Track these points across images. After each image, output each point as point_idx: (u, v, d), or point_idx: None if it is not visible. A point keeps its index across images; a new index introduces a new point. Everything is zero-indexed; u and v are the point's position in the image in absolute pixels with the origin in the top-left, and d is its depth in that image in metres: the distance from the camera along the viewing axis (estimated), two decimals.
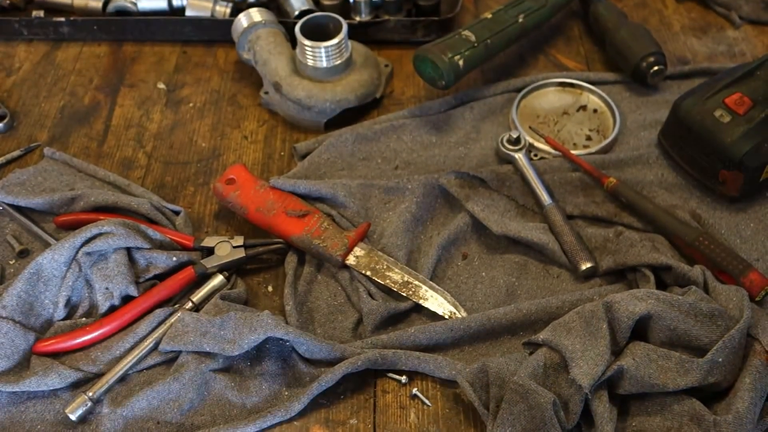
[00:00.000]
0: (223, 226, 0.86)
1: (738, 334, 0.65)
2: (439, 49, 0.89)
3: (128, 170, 0.92)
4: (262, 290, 0.80)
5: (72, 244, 0.75)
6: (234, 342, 0.70)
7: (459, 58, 0.89)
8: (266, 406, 0.69)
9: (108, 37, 1.09)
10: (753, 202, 0.84)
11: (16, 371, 0.70)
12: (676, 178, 0.87)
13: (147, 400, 0.68)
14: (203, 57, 1.07)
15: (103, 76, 1.05)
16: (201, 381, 0.69)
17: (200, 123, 0.98)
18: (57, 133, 0.97)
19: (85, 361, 0.72)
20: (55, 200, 0.84)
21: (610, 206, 0.84)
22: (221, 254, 0.79)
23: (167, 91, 1.03)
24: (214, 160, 0.93)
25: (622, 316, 0.66)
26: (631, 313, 0.66)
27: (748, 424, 0.62)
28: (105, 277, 0.75)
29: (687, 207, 0.83)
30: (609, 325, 0.67)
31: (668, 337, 0.67)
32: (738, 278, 0.73)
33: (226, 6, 1.07)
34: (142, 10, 1.08)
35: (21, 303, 0.73)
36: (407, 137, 0.93)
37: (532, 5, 0.98)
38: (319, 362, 0.72)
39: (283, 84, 0.93)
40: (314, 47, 0.90)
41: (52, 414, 0.69)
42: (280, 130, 0.96)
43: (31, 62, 1.07)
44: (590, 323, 0.67)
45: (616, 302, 0.67)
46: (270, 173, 0.91)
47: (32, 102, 1.01)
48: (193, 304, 0.76)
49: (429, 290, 0.76)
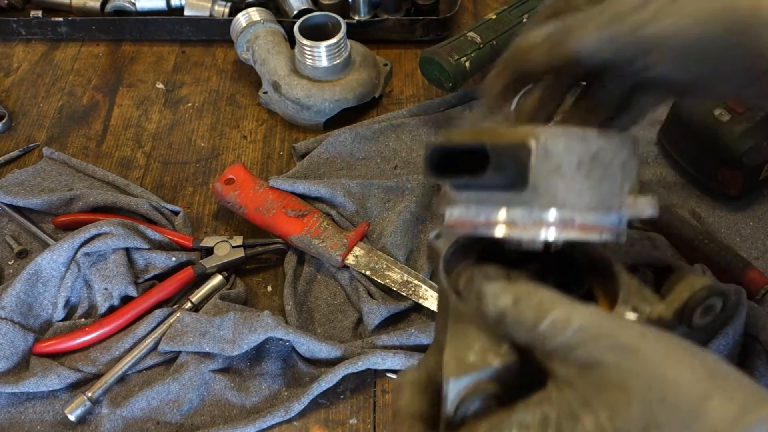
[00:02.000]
0: (222, 226, 0.86)
1: (732, 331, 0.65)
2: (445, 51, 0.89)
3: (127, 170, 0.92)
4: (261, 290, 0.80)
5: (71, 245, 0.75)
6: (233, 342, 0.70)
7: (465, 59, 0.89)
8: (266, 406, 0.69)
9: (106, 36, 1.09)
10: (753, 200, 0.84)
11: (16, 372, 0.70)
12: (676, 177, 0.87)
13: (146, 401, 0.68)
14: (202, 56, 1.07)
15: (101, 75, 1.05)
16: (200, 381, 0.69)
17: (199, 123, 0.98)
18: (55, 133, 0.97)
19: (84, 362, 0.72)
20: (54, 200, 0.84)
21: None
22: (220, 254, 0.79)
23: (166, 90, 1.02)
24: (213, 160, 0.93)
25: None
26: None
27: None
28: (104, 278, 0.75)
29: (686, 206, 0.83)
30: None
31: None
32: (738, 277, 0.73)
33: (224, 5, 1.07)
34: (140, 9, 1.08)
35: (20, 304, 0.73)
36: (407, 136, 0.93)
37: (536, 5, 0.98)
38: (319, 362, 0.72)
39: (281, 83, 0.93)
40: (313, 47, 0.90)
41: (52, 414, 0.69)
42: (279, 130, 0.96)
43: (29, 62, 1.07)
44: None
45: None
46: (269, 173, 0.91)
47: (30, 102, 1.01)
48: (192, 304, 0.76)
49: (429, 290, 0.76)
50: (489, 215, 0.44)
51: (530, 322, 0.39)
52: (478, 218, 0.45)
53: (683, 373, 0.35)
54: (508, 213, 0.43)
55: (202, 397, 0.69)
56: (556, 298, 0.40)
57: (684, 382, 0.35)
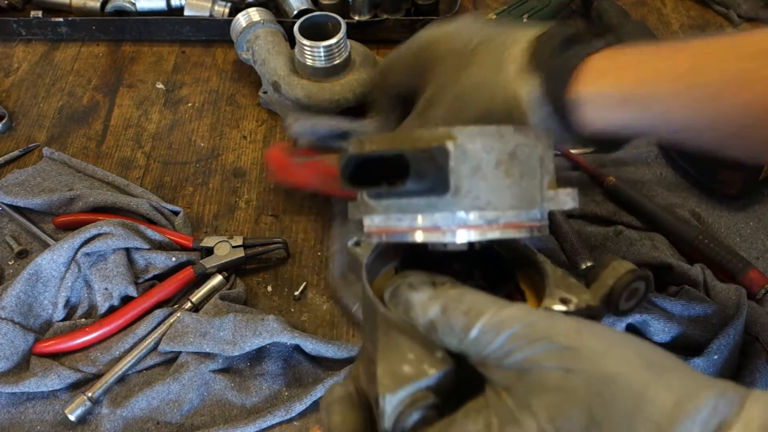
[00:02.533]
0: (223, 226, 0.86)
1: (733, 331, 0.65)
2: None
3: (127, 170, 0.92)
4: (261, 290, 0.80)
5: (71, 245, 0.75)
6: (234, 343, 0.70)
7: None
8: (266, 406, 0.69)
9: (106, 37, 1.09)
10: (752, 200, 0.84)
11: (16, 372, 0.70)
12: (676, 177, 0.87)
13: (146, 401, 0.68)
14: (202, 57, 1.07)
15: (101, 76, 1.05)
16: (201, 381, 0.69)
17: (199, 123, 0.98)
18: (55, 133, 0.97)
19: (84, 362, 0.72)
20: (54, 200, 0.84)
21: (609, 205, 0.84)
22: (220, 254, 0.79)
23: (166, 91, 1.02)
24: (213, 160, 0.93)
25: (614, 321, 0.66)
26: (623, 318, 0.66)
27: None
28: (104, 278, 0.75)
29: (686, 206, 0.83)
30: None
31: (664, 339, 0.67)
32: (738, 277, 0.73)
33: (224, 6, 1.07)
34: (140, 10, 1.08)
35: (20, 304, 0.73)
36: None
37: (536, 5, 0.98)
38: (323, 361, 0.72)
39: (281, 83, 0.93)
40: (313, 47, 0.90)
41: (52, 414, 0.69)
42: (279, 130, 0.96)
43: (29, 62, 1.07)
44: None
45: None
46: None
47: (31, 102, 1.01)
48: (192, 304, 0.76)
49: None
50: (411, 222, 0.43)
51: (461, 329, 0.38)
52: (400, 225, 0.44)
53: (621, 367, 0.35)
54: (430, 218, 0.42)
55: (203, 397, 0.69)
56: (485, 302, 0.39)
57: (622, 376, 0.35)
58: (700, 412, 0.33)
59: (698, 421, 0.33)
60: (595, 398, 0.35)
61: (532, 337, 0.37)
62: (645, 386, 0.34)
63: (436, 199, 0.42)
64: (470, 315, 0.38)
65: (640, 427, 0.34)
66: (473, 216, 0.42)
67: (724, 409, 0.33)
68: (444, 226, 0.42)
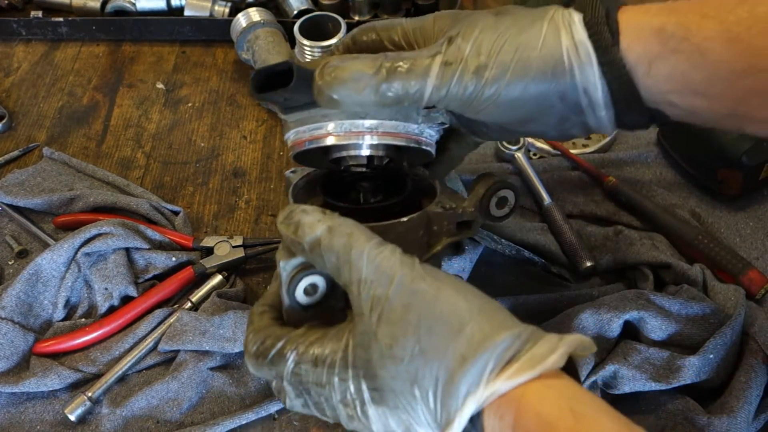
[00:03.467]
0: (222, 226, 0.86)
1: (730, 331, 0.65)
2: None
3: (127, 170, 0.92)
4: (261, 290, 0.80)
5: (71, 245, 0.75)
6: (235, 340, 0.70)
7: None
8: (265, 395, 0.69)
9: (106, 37, 1.09)
10: (752, 200, 0.84)
11: (16, 372, 0.70)
12: (676, 177, 0.87)
13: (146, 400, 0.68)
14: (202, 57, 1.07)
15: (101, 76, 1.05)
16: (199, 379, 0.69)
17: (199, 123, 0.98)
18: (56, 133, 0.97)
19: (84, 362, 0.72)
20: (54, 200, 0.84)
21: (609, 205, 0.84)
22: (220, 254, 0.79)
23: (166, 90, 1.02)
24: (213, 160, 0.93)
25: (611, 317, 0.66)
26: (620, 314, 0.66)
27: (743, 422, 0.62)
28: (104, 278, 0.75)
29: (686, 206, 0.83)
30: (598, 326, 0.67)
31: (660, 336, 0.67)
32: (737, 277, 0.73)
33: (224, 6, 1.07)
34: (140, 9, 1.08)
35: (20, 304, 0.73)
36: None
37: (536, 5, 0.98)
38: None
39: None
40: (313, 47, 0.90)
41: (52, 414, 0.69)
42: (279, 130, 0.96)
43: (29, 62, 1.07)
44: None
45: (605, 304, 0.67)
46: (269, 173, 0.91)
47: (31, 102, 1.01)
48: (192, 304, 0.76)
49: None
50: (313, 131, 0.56)
51: (341, 248, 0.47)
52: (306, 135, 0.57)
53: (446, 307, 0.45)
54: (327, 127, 0.56)
55: (201, 394, 0.70)
56: (362, 233, 0.48)
57: (446, 314, 0.44)
58: (497, 346, 0.42)
59: (495, 354, 0.42)
60: (424, 331, 0.44)
61: (390, 275, 0.46)
62: (463, 324, 0.44)
63: (335, 113, 0.55)
64: (351, 238, 0.47)
65: (450, 355, 0.43)
66: (362, 123, 0.55)
67: (517, 346, 0.43)
68: (340, 131, 0.55)
